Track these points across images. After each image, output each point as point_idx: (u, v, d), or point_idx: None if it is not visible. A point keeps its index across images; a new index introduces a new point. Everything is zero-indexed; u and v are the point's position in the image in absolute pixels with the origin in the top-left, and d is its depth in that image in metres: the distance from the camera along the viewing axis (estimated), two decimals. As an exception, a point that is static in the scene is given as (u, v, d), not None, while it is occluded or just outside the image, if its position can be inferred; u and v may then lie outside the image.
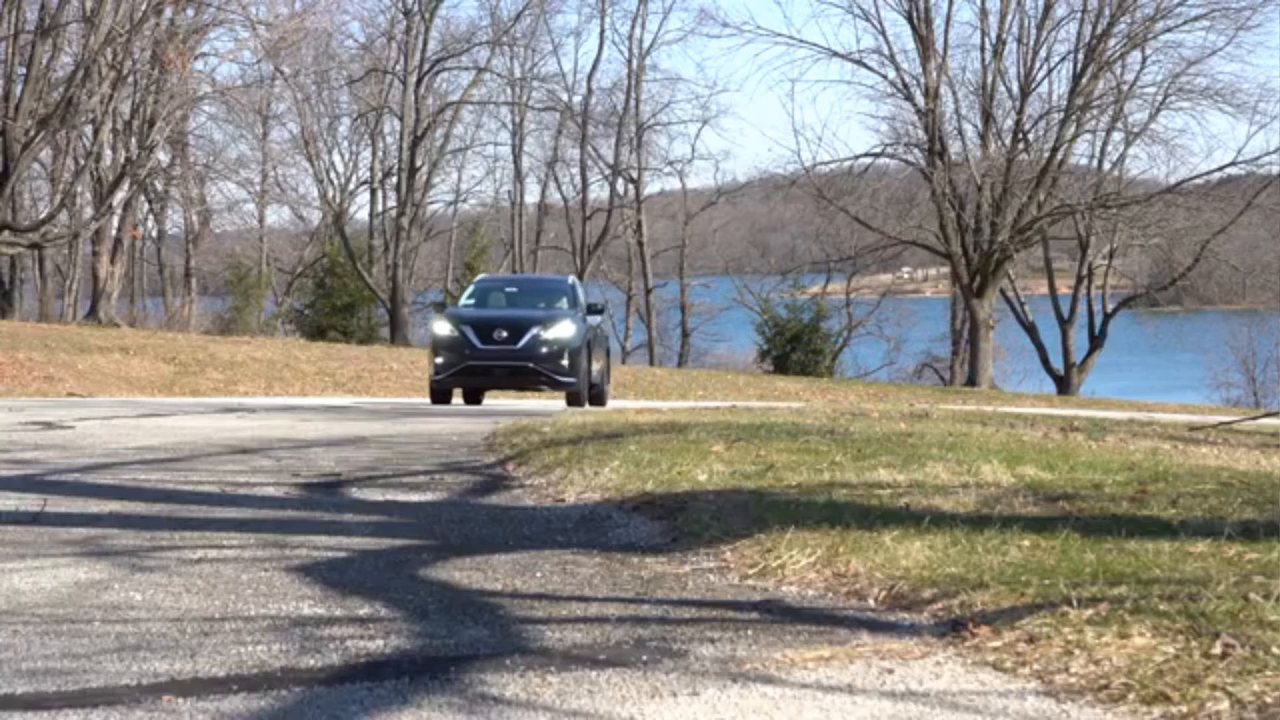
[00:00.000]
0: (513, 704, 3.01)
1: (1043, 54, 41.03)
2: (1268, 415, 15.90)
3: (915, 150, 41.77)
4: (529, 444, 8.71)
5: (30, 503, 6.06)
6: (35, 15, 30.73)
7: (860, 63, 41.70)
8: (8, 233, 31.43)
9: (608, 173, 51.97)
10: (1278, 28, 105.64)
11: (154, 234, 51.55)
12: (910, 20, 40.45)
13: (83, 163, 36.08)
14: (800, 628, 3.74)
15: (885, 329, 54.06)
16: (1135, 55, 40.60)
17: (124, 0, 29.93)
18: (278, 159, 51.19)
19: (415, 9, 47.63)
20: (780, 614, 3.93)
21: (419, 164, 48.24)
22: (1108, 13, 39.59)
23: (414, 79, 47.53)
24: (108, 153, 36.11)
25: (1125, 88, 40.75)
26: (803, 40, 53.14)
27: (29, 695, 3.04)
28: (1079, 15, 40.43)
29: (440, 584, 4.39)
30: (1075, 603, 3.50)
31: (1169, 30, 39.84)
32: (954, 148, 41.06)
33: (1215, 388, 49.65)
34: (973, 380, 40.01)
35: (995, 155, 40.29)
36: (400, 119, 47.78)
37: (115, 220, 38.37)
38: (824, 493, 5.76)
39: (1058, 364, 46.13)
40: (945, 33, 41.28)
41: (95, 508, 6.09)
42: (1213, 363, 50.11)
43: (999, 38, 40.82)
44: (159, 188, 46.57)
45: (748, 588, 4.36)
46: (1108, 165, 42.73)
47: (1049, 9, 40.82)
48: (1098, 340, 46.45)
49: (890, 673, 3.22)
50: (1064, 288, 47.77)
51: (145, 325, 42.20)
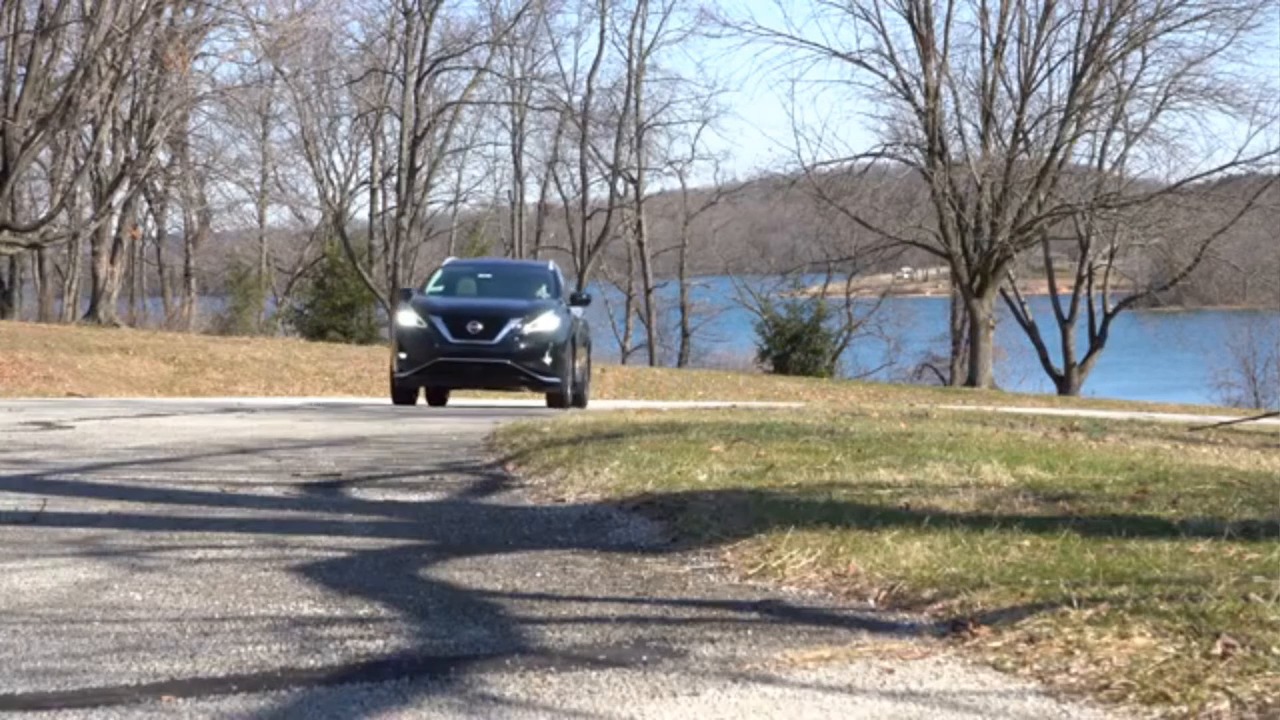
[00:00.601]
0: (513, 704, 3.01)
1: (1043, 54, 41.07)
2: (1268, 415, 15.90)
3: (915, 150, 41.78)
4: (529, 444, 8.71)
5: (30, 503, 6.06)
6: (35, 15, 30.74)
7: (860, 63, 41.75)
8: (8, 233, 31.45)
9: (608, 173, 52.00)
10: (1278, 28, 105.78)
11: (154, 234, 51.57)
12: (910, 20, 40.46)
13: (83, 163, 36.09)
14: (800, 628, 3.74)
15: (885, 329, 54.08)
16: (1135, 55, 40.65)
17: (124, 0, 29.93)
18: (278, 159, 51.25)
19: (415, 9, 47.66)
20: (780, 614, 3.93)
21: (419, 164, 48.26)
22: (1108, 13, 39.61)
23: (414, 79, 47.54)
24: (108, 153, 36.12)
25: (1125, 88, 40.76)
26: (803, 40, 53.17)
27: (29, 695, 3.04)
28: (1079, 15, 40.49)
29: (440, 584, 4.39)
30: (1075, 603, 3.50)
31: (1169, 30, 39.89)
32: (954, 148, 41.09)
33: (1215, 388, 49.66)
34: (973, 380, 40.01)
35: (995, 155, 40.29)
36: (400, 119, 47.79)
37: (115, 220, 38.38)
38: (824, 493, 5.76)
39: (1058, 364, 46.14)
40: (945, 33, 41.33)
41: (95, 508, 6.09)
42: (1213, 363, 50.12)
43: (999, 38, 40.84)
44: (159, 188, 46.57)
45: (748, 588, 4.36)
46: (1108, 165, 42.79)
47: (1049, 9, 40.84)
48: (1098, 340, 46.46)
49: (890, 673, 3.22)
50: (1064, 288, 47.79)
51: (145, 325, 42.22)
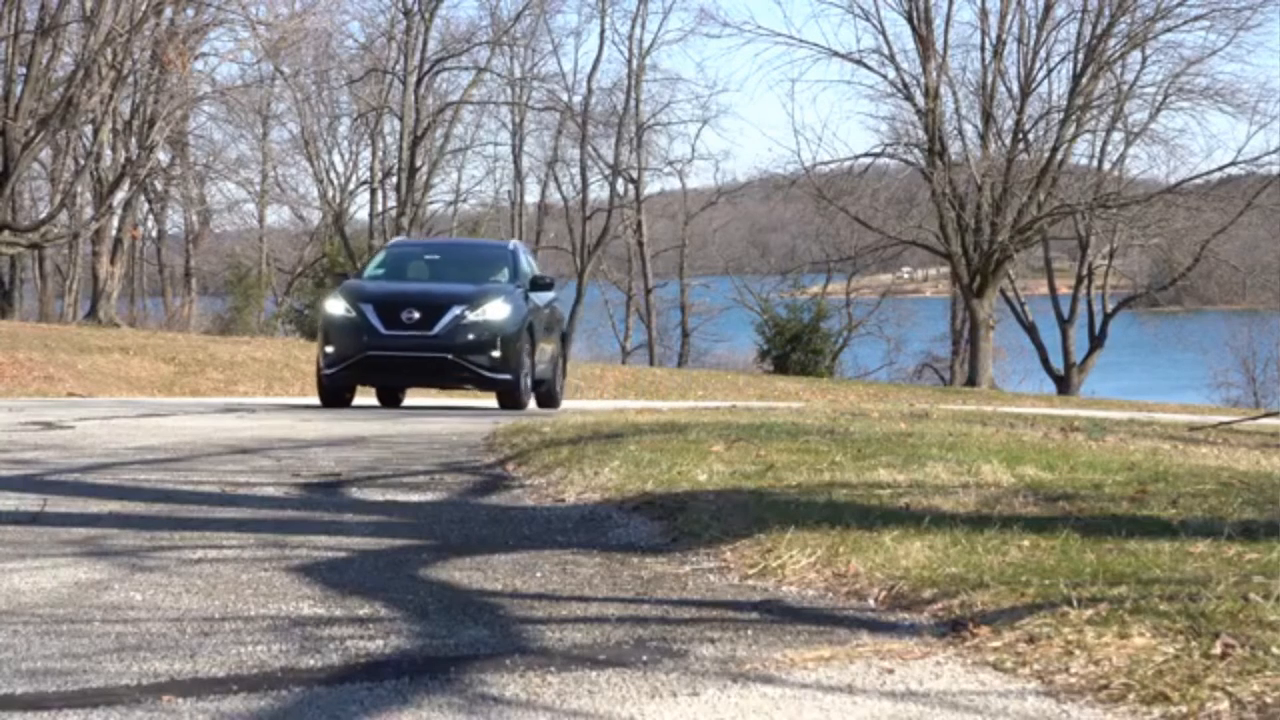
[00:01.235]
0: (513, 704, 3.01)
1: (1043, 54, 41.09)
2: (1268, 415, 15.90)
3: (915, 150, 41.79)
4: (529, 444, 8.71)
5: (30, 503, 6.06)
6: (35, 15, 30.75)
7: (860, 63, 41.75)
8: (8, 233, 31.45)
9: (608, 173, 52.00)
10: (1278, 28, 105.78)
11: (154, 234, 51.56)
12: (910, 20, 40.46)
13: (83, 163, 36.09)
14: (800, 628, 3.74)
15: (885, 329, 54.09)
16: (1135, 55, 40.66)
17: (124, 0, 29.94)
18: (278, 159, 51.24)
19: (415, 9, 47.66)
20: (780, 614, 3.93)
21: (419, 164, 48.26)
22: (1108, 13, 39.62)
23: (414, 79, 47.55)
24: (108, 153, 36.12)
25: (1125, 88, 40.77)
26: (803, 40, 53.19)
27: (29, 695, 3.04)
28: (1079, 15, 40.50)
29: (440, 584, 4.39)
30: (1075, 603, 3.50)
31: (1169, 30, 39.91)
32: (954, 148, 41.10)
33: (1215, 388, 49.68)
34: (973, 380, 40.01)
35: (995, 155, 40.29)
36: (400, 119, 47.80)
37: (115, 220, 38.39)
38: (824, 493, 5.76)
39: (1058, 364, 46.15)
40: (945, 33, 41.34)
41: (95, 508, 6.09)
42: (1213, 363, 50.12)
43: (999, 38, 40.85)
44: (159, 188, 46.58)
45: (748, 588, 4.36)
46: (1108, 165, 42.81)
47: (1049, 9, 40.85)
48: (1098, 340, 46.47)
49: (890, 673, 3.22)
50: (1064, 288, 47.80)
51: (145, 325, 42.20)
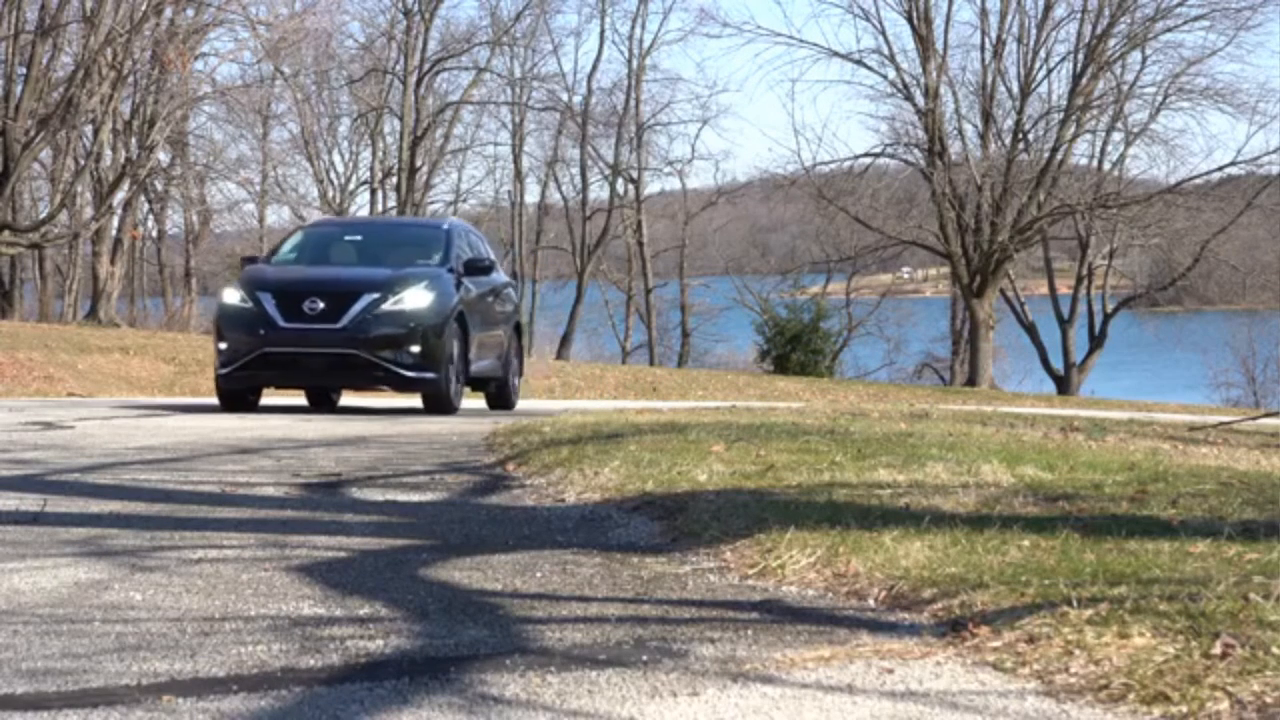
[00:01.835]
0: (513, 704, 3.01)
1: (1043, 54, 41.08)
2: (1268, 415, 15.90)
3: (915, 150, 41.79)
4: (529, 444, 8.71)
5: (30, 503, 6.06)
6: (35, 15, 30.75)
7: (860, 63, 41.74)
8: (8, 233, 31.45)
9: (608, 173, 52.00)
10: (1278, 28, 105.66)
11: (154, 234, 51.53)
12: (910, 20, 40.45)
13: (83, 163, 36.09)
14: (800, 628, 3.74)
15: (885, 329, 54.08)
16: (1135, 55, 40.66)
17: (124, 0, 29.94)
18: (278, 159, 51.20)
19: (415, 9, 47.68)
20: (780, 614, 3.93)
21: (419, 164, 48.27)
22: (1108, 13, 39.62)
23: (414, 79, 47.57)
24: (108, 153, 36.11)
25: (1125, 88, 40.78)
26: (803, 40, 53.16)
27: (29, 695, 3.04)
28: (1079, 15, 40.49)
29: (440, 584, 4.39)
30: (1075, 603, 3.50)
31: (1169, 30, 39.90)
32: (954, 148, 41.09)
33: (1215, 388, 49.64)
34: (973, 380, 40.01)
35: (995, 155, 40.30)
36: (400, 119, 47.81)
37: (115, 220, 38.39)
38: (824, 493, 5.76)
39: (1058, 364, 46.15)
40: (945, 33, 41.34)
41: (95, 508, 6.09)
42: (1213, 363, 50.10)
43: (999, 38, 40.85)
44: (159, 188, 46.56)
45: (748, 588, 4.36)
46: (1108, 165, 42.80)
47: (1049, 9, 40.85)
48: (1098, 340, 46.48)
49: (890, 673, 3.22)
50: (1064, 288, 47.80)
51: (145, 325, 42.19)
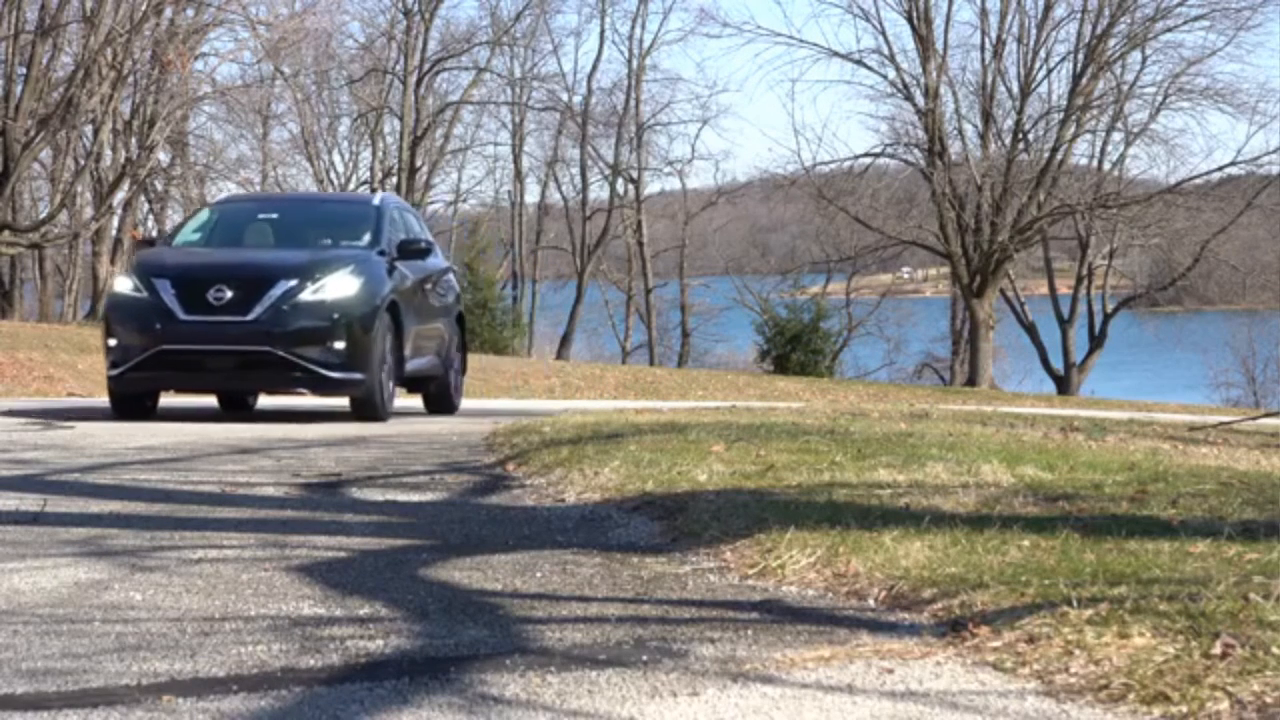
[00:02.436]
0: (513, 704, 3.01)
1: (1043, 54, 41.06)
2: (1268, 415, 15.91)
3: (915, 150, 41.78)
4: (529, 444, 8.71)
5: (30, 503, 6.06)
6: (35, 15, 30.74)
7: (860, 63, 41.72)
8: (8, 233, 31.45)
9: (608, 173, 52.00)
10: (1278, 28, 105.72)
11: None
12: (910, 20, 40.44)
13: (83, 163, 36.08)
14: (800, 628, 3.74)
15: (885, 329, 54.06)
16: (1135, 55, 40.64)
17: (124, 0, 29.94)
18: (278, 159, 51.18)
19: (415, 9, 47.68)
20: (780, 614, 3.93)
21: (419, 164, 48.29)
22: (1108, 13, 39.61)
23: (414, 79, 47.57)
24: (108, 153, 36.11)
25: (1125, 88, 40.76)
26: (803, 40, 53.09)
27: (29, 695, 3.04)
28: (1079, 15, 40.47)
29: (440, 584, 4.39)
30: (1075, 603, 3.50)
31: (1169, 30, 39.88)
32: (954, 148, 41.07)
33: (1215, 388, 49.64)
34: (973, 380, 40.00)
35: (995, 155, 40.29)
36: (400, 119, 47.81)
37: (115, 220, 38.38)
38: (824, 493, 5.76)
39: (1058, 364, 46.13)
40: (945, 33, 41.32)
41: (95, 508, 6.09)
42: (1212, 363, 50.11)
43: (999, 38, 40.84)
44: (159, 188, 46.54)
45: (748, 588, 4.36)
46: (1108, 165, 42.77)
47: (1049, 9, 40.84)
48: (1098, 340, 46.47)
49: (890, 673, 3.23)
50: (1064, 288, 47.79)
51: (145, 325, 42.10)
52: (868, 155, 42.50)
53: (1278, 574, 3.74)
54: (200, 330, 11.47)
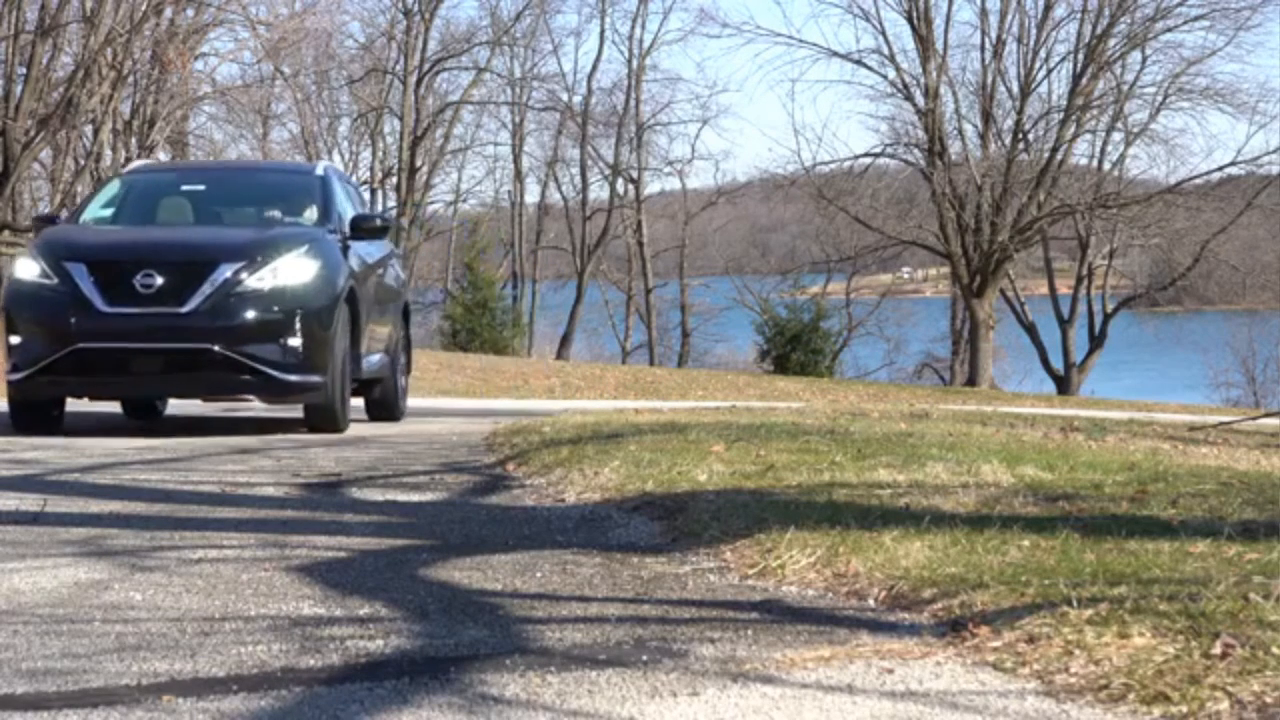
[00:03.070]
0: (513, 704, 3.01)
1: (1043, 54, 41.04)
2: (1268, 415, 15.90)
3: (915, 150, 41.77)
4: (529, 444, 8.71)
5: (30, 503, 6.06)
6: (35, 15, 30.75)
7: (860, 63, 41.70)
8: (8, 233, 31.43)
9: (608, 173, 52.00)
10: (1278, 28, 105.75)
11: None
12: (910, 20, 40.44)
13: (83, 163, 36.06)
14: (800, 628, 3.74)
15: (885, 329, 54.06)
16: (1135, 55, 40.62)
17: (124, 1, 29.95)
18: (278, 159, 51.19)
19: (415, 9, 47.69)
20: (780, 614, 3.93)
21: (419, 164, 48.29)
22: (1108, 13, 39.61)
23: (414, 79, 47.58)
24: (108, 153, 36.10)
25: (1125, 88, 40.76)
26: (803, 40, 53.05)
27: (29, 695, 3.04)
28: (1079, 15, 40.45)
29: (440, 584, 4.39)
30: (1075, 603, 3.50)
31: (1169, 30, 39.87)
32: (954, 148, 41.06)
33: (1215, 388, 49.63)
34: (973, 380, 40.00)
35: (995, 155, 40.29)
36: (400, 119, 47.83)
37: (115, 220, 38.37)
38: (824, 493, 5.76)
39: (1058, 364, 46.12)
40: (945, 33, 41.30)
41: (95, 508, 6.09)
42: (1212, 363, 50.11)
43: (999, 38, 40.83)
44: (159, 188, 46.57)
45: (748, 588, 4.36)
46: (1108, 165, 42.76)
47: (1049, 9, 40.84)
48: (1098, 340, 46.45)
49: (890, 673, 3.23)
50: (1064, 288, 47.78)
51: (145, 325, 42.13)
52: (868, 155, 42.51)
53: (1278, 574, 3.74)
54: (125, 324, 9.67)
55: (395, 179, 48.78)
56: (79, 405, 11.16)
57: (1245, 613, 3.33)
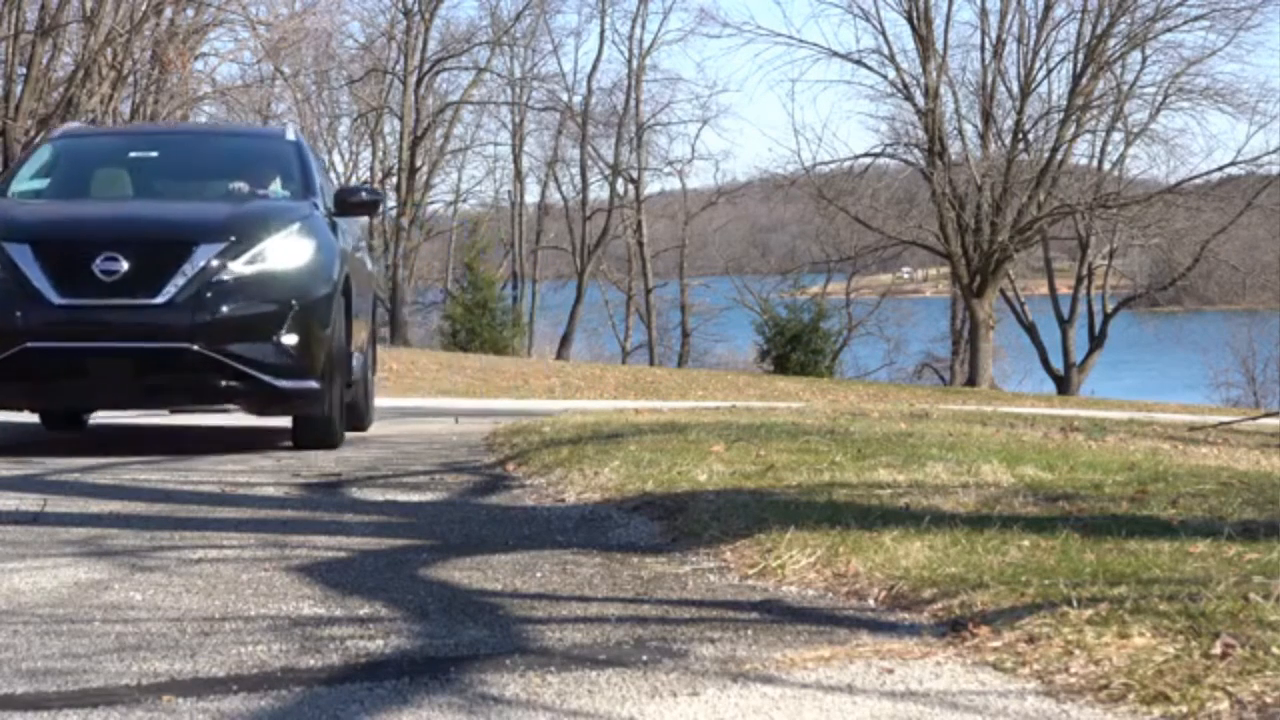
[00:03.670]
0: (513, 704, 3.01)
1: (1043, 54, 41.05)
2: (1268, 415, 15.91)
3: (915, 150, 41.77)
4: (529, 444, 8.71)
5: (30, 503, 6.06)
6: (35, 15, 30.75)
7: (860, 63, 41.70)
8: (8, 233, 31.46)
9: (608, 173, 52.00)
10: (1278, 28, 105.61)
11: None
12: (910, 20, 40.44)
13: (83, 163, 36.08)
14: (800, 628, 3.74)
15: (885, 329, 54.06)
16: (1135, 55, 40.63)
17: (124, 1, 29.95)
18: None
19: (415, 9, 47.70)
20: (780, 614, 3.93)
21: (419, 164, 48.30)
22: (1108, 13, 39.61)
23: (414, 79, 47.59)
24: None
25: (1125, 88, 40.76)
26: (803, 40, 53.03)
27: (29, 695, 3.04)
28: (1079, 15, 40.46)
29: (440, 584, 4.39)
30: (1075, 603, 3.50)
31: (1169, 30, 39.87)
32: (954, 148, 41.06)
33: (1215, 388, 49.64)
34: (973, 380, 40.00)
35: (995, 155, 40.29)
36: (400, 119, 47.84)
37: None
38: (824, 493, 5.76)
39: (1058, 364, 46.13)
40: (945, 33, 41.30)
41: (95, 508, 6.09)
42: (1213, 363, 50.11)
43: (999, 38, 40.84)
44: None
45: (748, 588, 4.36)
46: (1108, 165, 42.77)
47: (1049, 9, 40.84)
48: (1098, 340, 46.46)
49: (890, 673, 3.23)
50: (1064, 288, 47.79)
51: (145, 325, 42.08)
52: (868, 155, 42.51)
53: (1278, 574, 3.74)
54: (84, 320, 7.97)
55: (395, 179, 48.79)
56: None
57: (1245, 613, 3.33)
